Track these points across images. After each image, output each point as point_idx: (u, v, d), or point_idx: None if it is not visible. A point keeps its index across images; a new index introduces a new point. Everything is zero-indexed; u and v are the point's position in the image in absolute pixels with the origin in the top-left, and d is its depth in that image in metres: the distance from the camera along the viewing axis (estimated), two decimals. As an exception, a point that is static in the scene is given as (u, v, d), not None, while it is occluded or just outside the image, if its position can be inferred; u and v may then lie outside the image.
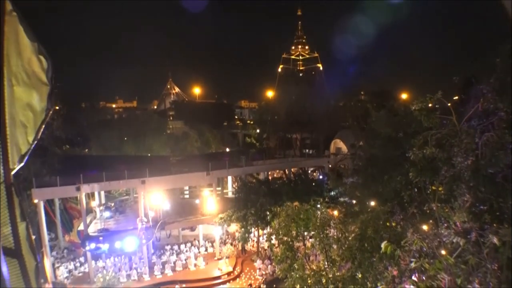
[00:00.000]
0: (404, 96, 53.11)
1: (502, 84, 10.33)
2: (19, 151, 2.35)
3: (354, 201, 28.51)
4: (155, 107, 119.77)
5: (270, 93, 77.36)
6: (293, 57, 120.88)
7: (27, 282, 2.14)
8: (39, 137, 2.51)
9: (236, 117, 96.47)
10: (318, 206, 20.05)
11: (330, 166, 45.09)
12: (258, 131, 66.39)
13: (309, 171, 50.79)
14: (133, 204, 38.47)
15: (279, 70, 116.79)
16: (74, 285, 28.49)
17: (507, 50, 10.44)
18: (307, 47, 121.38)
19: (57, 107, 49.05)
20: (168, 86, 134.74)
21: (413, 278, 10.94)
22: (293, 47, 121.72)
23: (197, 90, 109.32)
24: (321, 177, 46.12)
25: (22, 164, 2.40)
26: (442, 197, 11.54)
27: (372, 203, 24.51)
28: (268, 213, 31.03)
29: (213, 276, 30.99)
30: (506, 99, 9.75)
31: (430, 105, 11.27)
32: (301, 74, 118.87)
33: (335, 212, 21.25)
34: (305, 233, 19.98)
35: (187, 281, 29.86)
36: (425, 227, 12.76)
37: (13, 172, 2.24)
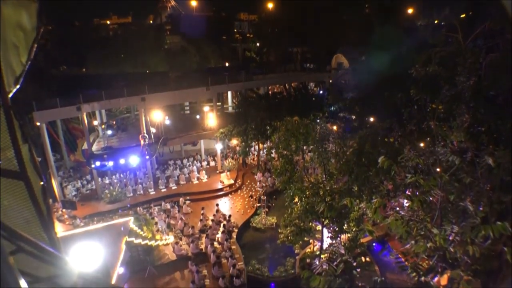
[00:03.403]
0: (410, 11, 50.57)
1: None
2: (13, 73, 2.29)
3: (353, 117, 28.73)
4: (151, 22, 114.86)
5: (270, 5, 73.66)
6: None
7: (35, 202, 2.21)
8: (33, 58, 2.44)
9: (235, 30, 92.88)
10: (318, 121, 20.16)
11: (331, 81, 44.56)
12: (258, 44, 64.41)
13: (310, 86, 50.42)
14: (134, 121, 38.74)
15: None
16: (82, 202, 29.40)
17: None
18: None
19: (49, 27, 47.20)
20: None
21: (407, 192, 11.36)
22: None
23: (193, 3, 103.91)
24: (321, 92, 45.89)
25: (18, 87, 2.35)
26: (441, 115, 11.56)
27: (371, 119, 24.75)
28: (268, 127, 31.32)
29: (215, 189, 32.12)
30: None
31: (436, 21, 10.88)
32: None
33: (334, 127, 21.46)
34: (304, 147, 20.27)
35: (190, 194, 31.05)
36: (422, 145, 12.98)
37: (10, 95, 2.21)
